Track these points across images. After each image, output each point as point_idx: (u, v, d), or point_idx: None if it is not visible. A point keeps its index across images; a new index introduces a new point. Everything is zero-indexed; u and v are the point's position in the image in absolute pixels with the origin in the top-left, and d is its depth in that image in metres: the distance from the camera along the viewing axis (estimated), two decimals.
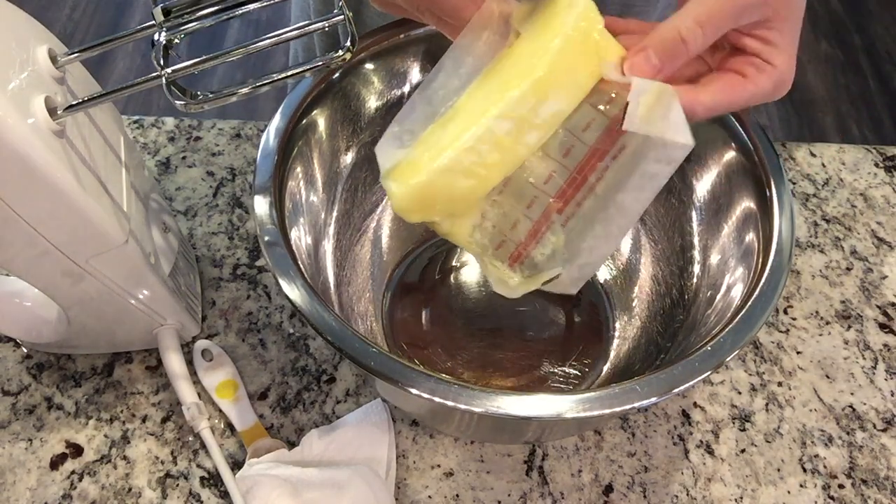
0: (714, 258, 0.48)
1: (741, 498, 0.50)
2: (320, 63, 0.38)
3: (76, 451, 0.50)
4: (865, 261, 0.61)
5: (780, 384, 0.55)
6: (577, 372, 0.53)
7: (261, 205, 0.43)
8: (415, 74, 0.52)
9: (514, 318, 0.56)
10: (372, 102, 0.52)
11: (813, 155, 0.68)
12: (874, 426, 0.53)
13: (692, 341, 0.44)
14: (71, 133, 0.39)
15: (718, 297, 0.45)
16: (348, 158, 0.52)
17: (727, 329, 0.39)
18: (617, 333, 0.55)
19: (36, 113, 0.36)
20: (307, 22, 0.37)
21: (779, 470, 0.51)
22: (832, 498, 0.50)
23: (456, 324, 0.56)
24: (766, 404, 0.54)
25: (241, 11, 0.38)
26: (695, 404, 0.54)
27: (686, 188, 0.51)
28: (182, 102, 0.37)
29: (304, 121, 0.48)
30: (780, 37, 0.36)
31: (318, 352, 0.55)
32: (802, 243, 0.62)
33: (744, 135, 0.47)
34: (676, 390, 0.37)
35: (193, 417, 0.49)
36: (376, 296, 0.56)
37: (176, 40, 0.38)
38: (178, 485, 0.49)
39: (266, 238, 0.42)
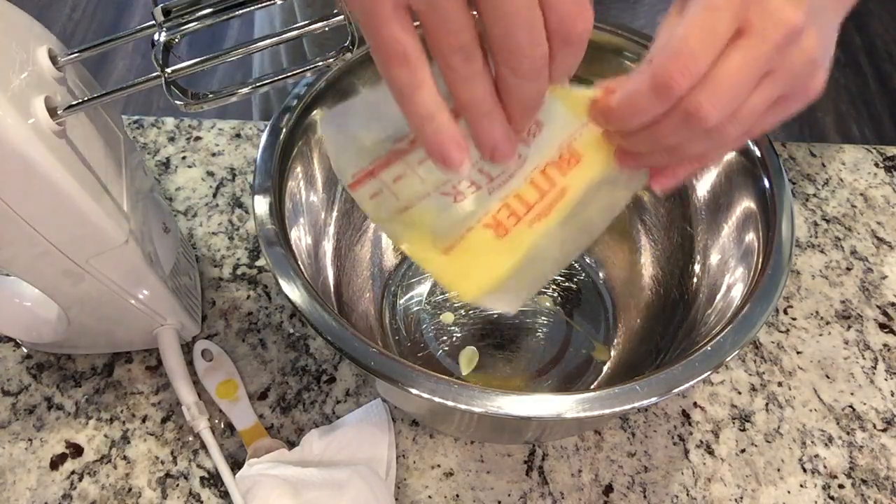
0: (714, 258, 0.48)
1: (741, 498, 0.50)
2: (320, 63, 0.38)
3: (76, 451, 0.50)
4: (865, 261, 0.61)
5: (780, 384, 0.55)
6: (576, 372, 0.53)
7: (261, 205, 0.43)
8: None
9: (514, 318, 0.56)
10: None
11: (813, 155, 0.68)
12: (874, 426, 0.53)
13: (692, 341, 0.44)
14: (71, 133, 0.39)
15: (718, 297, 0.45)
16: None
17: (727, 329, 0.39)
18: (617, 333, 0.55)
19: (36, 113, 0.36)
20: (307, 21, 0.37)
21: (779, 470, 0.51)
22: (832, 498, 0.50)
23: (456, 324, 0.56)
24: (766, 404, 0.54)
25: (241, 11, 0.38)
26: (695, 404, 0.54)
27: (686, 188, 0.51)
28: (182, 102, 0.37)
29: (304, 121, 0.47)
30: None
31: (318, 352, 0.55)
32: (802, 243, 0.62)
33: None
34: (676, 390, 0.37)
35: (193, 417, 0.49)
36: (376, 296, 0.56)
37: (176, 40, 0.38)
38: (178, 485, 0.49)
39: (266, 238, 0.42)
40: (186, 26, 0.38)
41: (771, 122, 0.33)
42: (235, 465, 0.49)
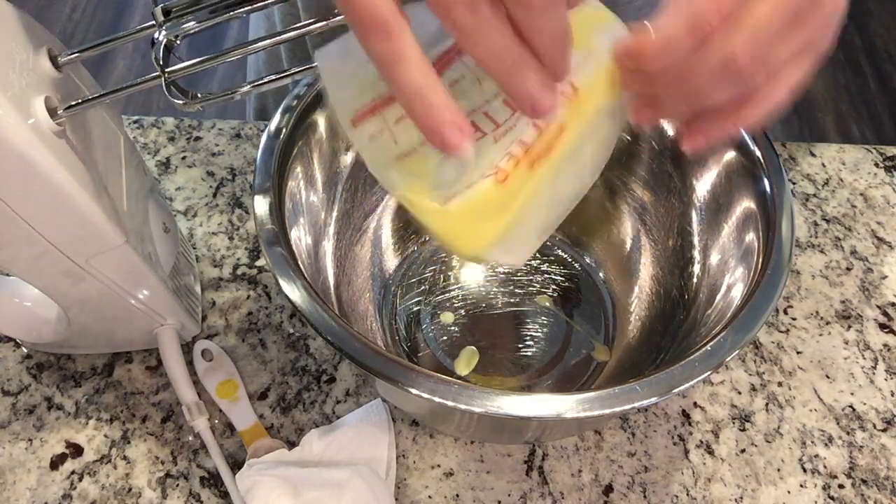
0: (714, 258, 0.48)
1: (741, 498, 0.50)
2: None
3: (76, 451, 0.50)
4: (865, 261, 0.61)
5: (780, 384, 0.55)
6: (576, 372, 0.53)
7: (261, 205, 0.43)
8: None
9: (514, 317, 0.56)
10: None
11: (813, 155, 0.68)
12: (874, 426, 0.53)
13: (692, 341, 0.44)
14: (71, 133, 0.39)
15: (718, 297, 0.45)
16: (348, 158, 0.52)
17: (727, 329, 0.39)
18: (617, 333, 0.55)
19: (36, 113, 0.36)
20: (306, 22, 0.37)
21: (779, 470, 0.51)
22: (832, 498, 0.50)
23: (456, 324, 0.56)
24: (766, 404, 0.54)
25: (240, 10, 0.38)
26: (695, 404, 0.54)
27: (686, 188, 0.51)
28: (182, 102, 0.37)
29: (305, 121, 0.48)
30: None
31: (318, 352, 0.55)
32: (802, 243, 0.62)
33: (744, 135, 0.47)
34: (676, 390, 0.37)
35: (193, 417, 0.49)
36: (376, 296, 0.56)
37: (176, 40, 0.38)
38: (178, 485, 0.49)
39: (266, 238, 0.42)
40: (186, 26, 0.38)
41: (797, 75, 0.31)
42: (235, 465, 0.49)
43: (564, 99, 0.32)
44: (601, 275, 0.58)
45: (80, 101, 0.38)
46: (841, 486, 0.50)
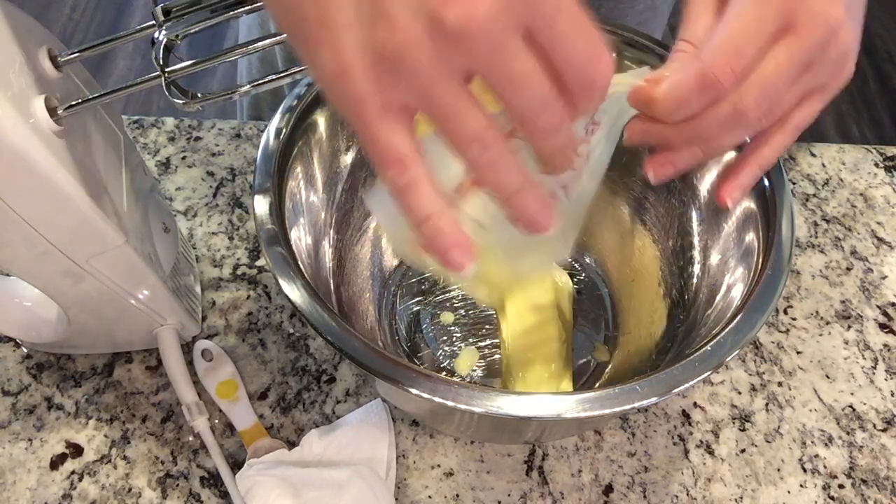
0: (714, 258, 0.48)
1: (741, 498, 0.50)
2: None
3: (76, 451, 0.50)
4: (865, 261, 0.61)
5: (780, 384, 0.55)
6: (576, 372, 0.53)
7: (261, 205, 0.43)
8: None
9: None
10: None
11: (813, 155, 0.68)
12: (874, 426, 0.53)
13: (692, 341, 0.44)
14: (71, 133, 0.39)
15: (718, 297, 0.45)
16: (348, 158, 0.52)
17: (727, 329, 0.39)
18: (617, 333, 0.55)
19: (36, 113, 0.36)
20: None
21: (779, 470, 0.51)
22: (832, 498, 0.50)
23: (456, 324, 0.56)
24: (766, 404, 0.54)
25: (241, 10, 0.38)
26: (695, 404, 0.54)
27: (686, 188, 0.51)
28: (182, 102, 0.37)
29: (305, 121, 0.48)
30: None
31: (318, 352, 0.55)
32: (802, 243, 0.62)
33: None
34: (676, 390, 0.37)
35: (193, 417, 0.49)
36: (376, 296, 0.56)
37: (177, 40, 0.38)
38: (178, 485, 0.49)
39: (266, 238, 0.42)
40: (186, 26, 0.38)
41: (807, 116, 0.34)
42: (235, 465, 0.49)
43: (590, 134, 0.36)
44: (601, 275, 0.58)
45: (80, 100, 0.38)
46: (841, 486, 0.50)
